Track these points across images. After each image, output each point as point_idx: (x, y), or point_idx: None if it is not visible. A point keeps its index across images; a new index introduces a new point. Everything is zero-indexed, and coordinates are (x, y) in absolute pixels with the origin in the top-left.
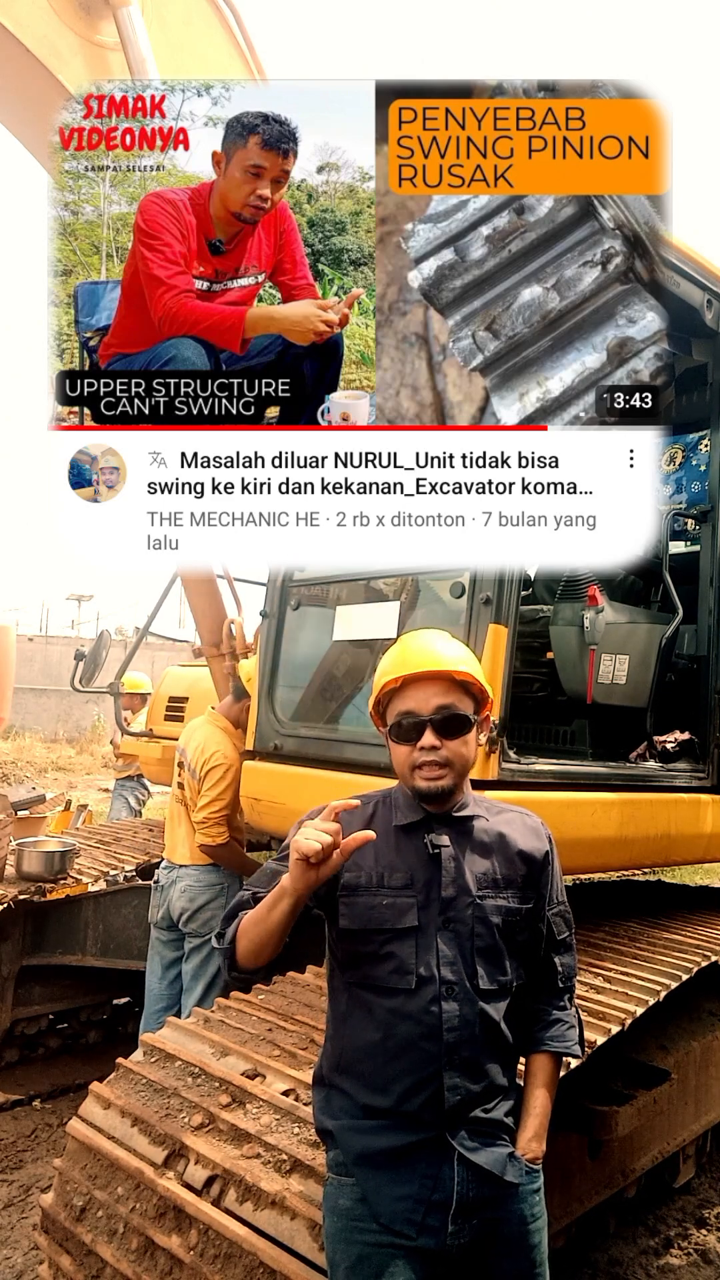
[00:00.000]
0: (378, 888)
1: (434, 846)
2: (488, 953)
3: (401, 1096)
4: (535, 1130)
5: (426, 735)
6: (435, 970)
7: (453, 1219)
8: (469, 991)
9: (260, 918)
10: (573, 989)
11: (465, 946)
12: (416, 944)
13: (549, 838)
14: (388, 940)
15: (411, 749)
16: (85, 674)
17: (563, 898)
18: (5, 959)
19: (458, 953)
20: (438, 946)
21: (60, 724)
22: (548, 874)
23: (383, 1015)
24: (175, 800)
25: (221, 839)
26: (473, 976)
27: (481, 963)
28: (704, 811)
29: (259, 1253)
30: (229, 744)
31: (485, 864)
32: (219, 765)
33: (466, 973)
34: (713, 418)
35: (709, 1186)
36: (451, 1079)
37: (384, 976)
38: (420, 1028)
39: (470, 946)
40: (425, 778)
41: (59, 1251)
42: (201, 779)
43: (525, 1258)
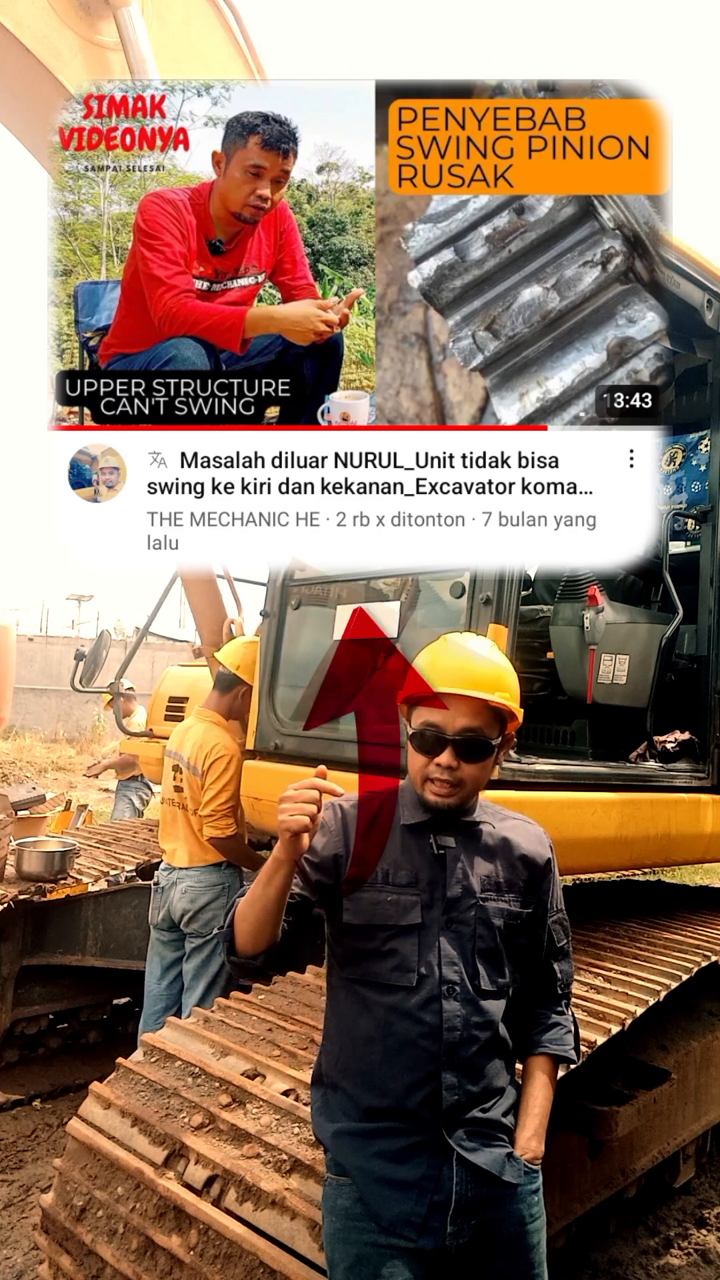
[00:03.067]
0: (382, 884)
1: (440, 847)
2: (489, 954)
3: (399, 1095)
4: (534, 1130)
5: (445, 754)
6: (437, 969)
7: (451, 1220)
8: (470, 992)
9: (256, 895)
10: (569, 995)
11: (467, 947)
12: (419, 942)
13: (550, 846)
14: (391, 937)
15: (428, 761)
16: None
17: (561, 906)
18: (5, 959)
19: (459, 953)
20: (440, 946)
21: (60, 724)
22: (549, 881)
23: (381, 1013)
24: (172, 804)
25: (230, 830)
26: (474, 977)
27: (483, 964)
28: (704, 811)
29: (259, 1253)
30: (226, 736)
31: (489, 867)
32: (221, 757)
33: (468, 973)
34: (713, 418)
35: (709, 1186)
36: (450, 1079)
37: (385, 973)
38: (420, 1026)
39: (472, 947)
40: (435, 793)
41: (59, 1251)
42: (205, 773)
43: (524, 1258)
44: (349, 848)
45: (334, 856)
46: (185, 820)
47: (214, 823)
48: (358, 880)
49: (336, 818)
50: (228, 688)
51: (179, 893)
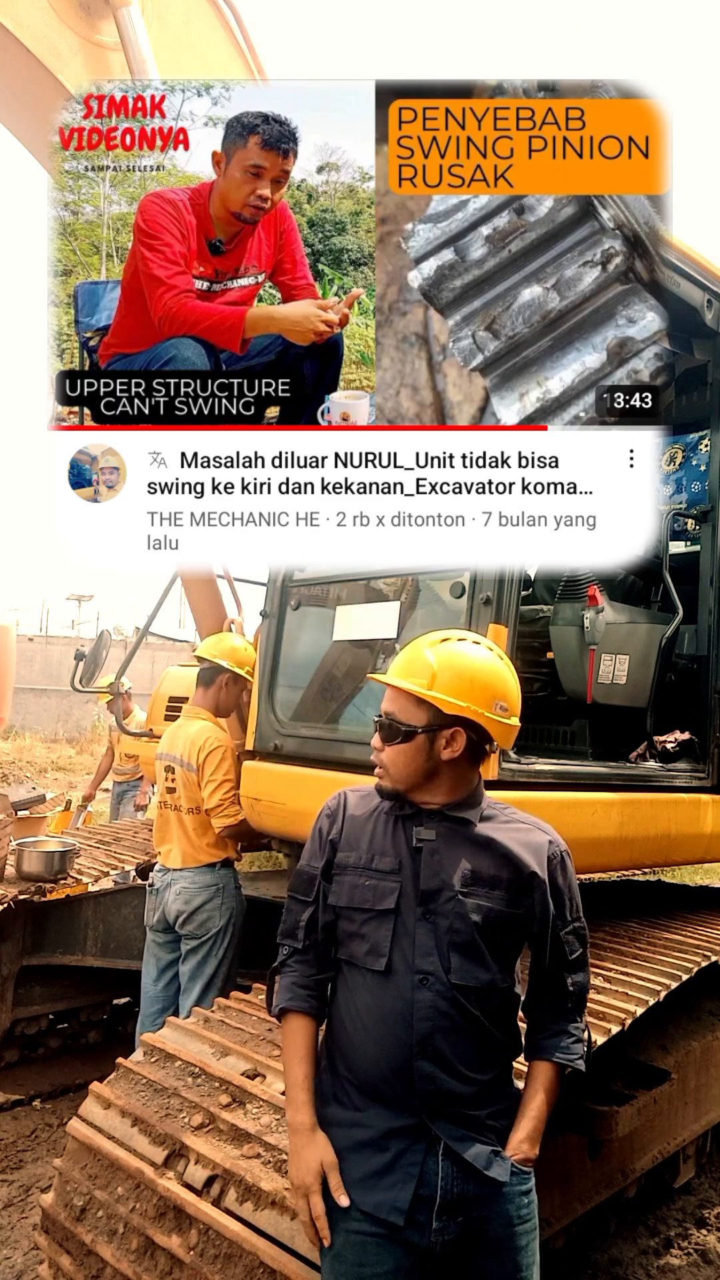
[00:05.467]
0: (364, 869)
1: (418, 839)
2: (466, 948)
3: (377, 1076)
4: (528, 1132)
5: (375, 736)
6: (410, 958)
7: (437, 1215)
8: (445, 984)
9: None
10: (583, 1006)
11: (443, 940)
12: (394, 929)
13: (550, 858)
14: (366, 920)
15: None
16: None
17: (577, 916)
18: (5, 959)
19: (435, 944)
20: (416, 935)
21: (60, 724)
22: (539, 890)
23: (362, 995)
24: (166, 806)
25: (239, 816)
26: (449, 970)
27: (458, 957)
28: (704, 811)
29: (259, 1253)
30: (217, 730)
31: (472, 863)
32: (216, 749)
33: (443, 965)
34: (713, 418)
35: (709, 1186)
36: (424, 1067)
37: (361, 956)
38: (393, 1013)
39: (448, 940)
40: (376, 773)
41: (59, 1251)
42: (201, 767)
43: (511, 1260)
44: (342, 832)
45: (330, 840)
46: (178, 821)
47: (222, 813)
48: (343, 863)
49: (340, 803)
50: (211, 679)
51: (173, 894)
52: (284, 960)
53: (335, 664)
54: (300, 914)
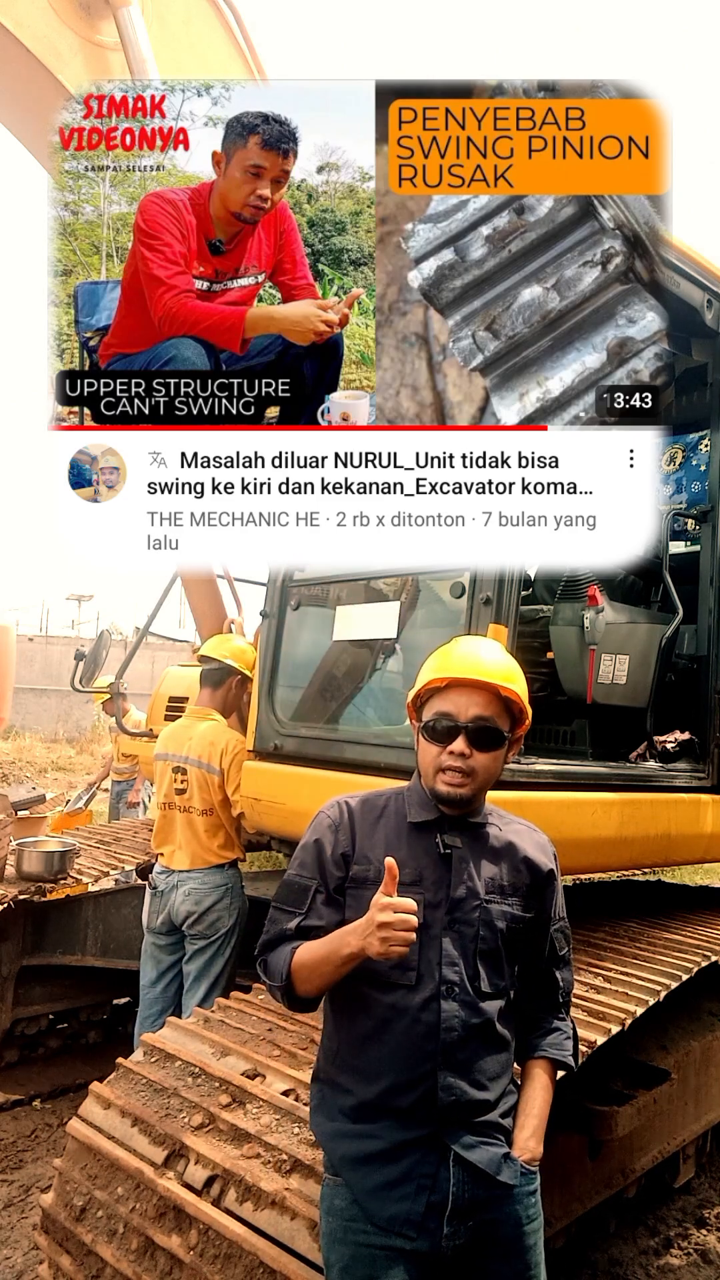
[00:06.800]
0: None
1: (446, 847)
2: (490, 956)
3: (393, 1092)
4: (532, 1130)
5: (458, 741)
6: (437, 969)
7: (448, 1220)
8: (469, 993)
9: (325, 969)
10: (570, 1002)
11: (470, 949)
12: (421, 941)
13: (554, 855)
14: None
15: (441, 751)
16: (85, 674)
17: (563, 914)
18: (5, 959)
19: (461, 954)
20: (442, 946)
21: (60, 724)
22: (551, 888)
23: (380, 1010)
24: (173, 807)
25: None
26: (474, 979)
27: (484, 965)
28: (704, 811)
29: (259, 1253)
30: (236, 733)
31: (494, 869)
32: (240, 751)
33: (468, 974)
34: (713, 418)
35: (709, 1186)
36: (446, 1079)
37: (384, 971)
38: (418, 1026)
39: (475, 949)
40: (447, 783)
41: (59, 1251)
42: (226, 771)
43: (520, 1260)
44: (355, 845)
45: (343, 854)
46: (188, 822)
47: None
48: (361, 877)
49: (344, 814)
50: (220, 680)
51: (182, 895)
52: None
53: (335, 664)
54: (286, 923)
